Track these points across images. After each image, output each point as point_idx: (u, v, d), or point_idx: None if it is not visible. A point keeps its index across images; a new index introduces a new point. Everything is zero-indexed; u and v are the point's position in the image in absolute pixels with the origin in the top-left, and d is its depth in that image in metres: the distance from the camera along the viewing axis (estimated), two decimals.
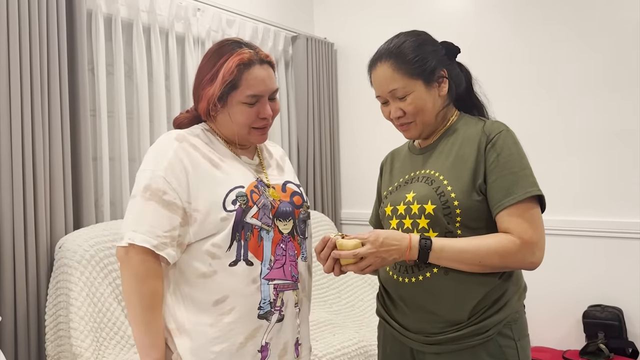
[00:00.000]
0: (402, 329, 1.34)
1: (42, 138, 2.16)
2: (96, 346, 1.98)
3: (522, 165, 1.25)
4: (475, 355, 1.24)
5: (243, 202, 1.23)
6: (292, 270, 1.29)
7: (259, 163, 1.38)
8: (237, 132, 1.30)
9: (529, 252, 1.21)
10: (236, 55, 1.26)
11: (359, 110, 3.77)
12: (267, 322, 1.24)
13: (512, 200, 1.21)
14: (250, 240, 1.23)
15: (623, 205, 2.80)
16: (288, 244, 1.29)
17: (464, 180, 1.26)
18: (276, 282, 1.26)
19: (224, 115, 1.29)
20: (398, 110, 1.33)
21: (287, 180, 1.40)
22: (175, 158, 1.23)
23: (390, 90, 1.32)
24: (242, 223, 1.22)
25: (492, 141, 1.26)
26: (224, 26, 3.11)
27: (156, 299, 1.20)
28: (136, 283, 1.19)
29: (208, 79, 1.28)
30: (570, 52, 2.91)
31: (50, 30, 2.20)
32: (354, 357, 2.33)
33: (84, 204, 2.35)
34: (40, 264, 2.15)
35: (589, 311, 2.81)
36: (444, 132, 1.37)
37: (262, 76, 1.28)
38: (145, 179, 1.22)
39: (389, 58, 1.32)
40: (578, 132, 2.91)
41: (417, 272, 1.28)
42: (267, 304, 1.24)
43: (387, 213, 1.38)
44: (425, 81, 1.31)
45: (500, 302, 1.26)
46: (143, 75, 2.67)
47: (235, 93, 1.26)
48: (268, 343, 1.24)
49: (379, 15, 3.55)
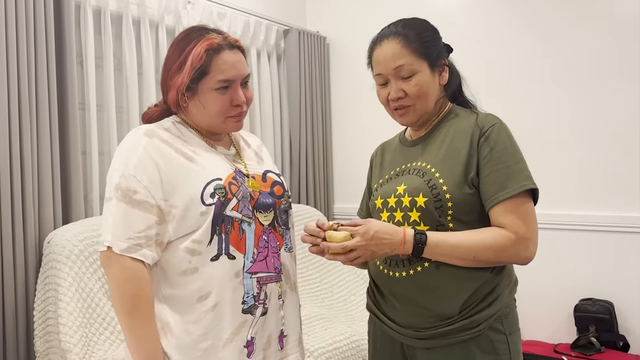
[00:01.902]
0: (392, 323, 1.33)
1: (30, 132, 2.13)
2: (85, 341, 1.96)
3: (516, 159, 1.24)
4: (466, 349, 1.24)
5: (222, 194, 1.20)
6: (274, 262, 1.27)
7: (235, 153, 1.35)
8: (210, 121, 1.26)
9: (523, 247, 1.21)
10: (204, 41, 1.22)
11: (351, 104, 3.76)
12: (251, 316, 1.22)
13: (507, 194, 1.20)
14: (232, 234, 1.20)
15: (614, 200, 2.81)
16: (270, 236, 1.27)
17: (456, 173, 1.25)
18: (259, 275, 1.23)
19: (196, 105, 1.24)
20: (399, 91, 1.29)
21: (267, 169, 1.37)
22: (146, 155, 1.19)
23: (397, 66, 1.28)
24: (222, 216, 1.20)
25: (486, 134, 1.25)
26: (214, 19, 3.08)
27: (138, 303, 1.16)
28: (116, 288, 1.16)
29: (176, 67, 1.23)
30: (574, 44, 2.90)
31: (37, 23, 2.17)
32: (345, 351, 2.33)
33: (73, 199, 2.32)
34: (28, 259, 2.13)
35: (581, 305, 2.82)
36: (436, 123, 1.36)
37: (233, 60, 1.23)
38: (115, 178, 1.18)
39: (397, 35, 1.29)
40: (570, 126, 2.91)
41: (408, 266, 1.27)
42: (251, 298, 1.22)
43: (377, 206, 1.37)
44: (430, 64, 1.30)
45: (491, 297, 1.25)
46: (133, 68, 2.65)
47: (206, 79, 1.21)
48: (254, 337, 1.23)
49: (371, 8, 3.54)
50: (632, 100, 2.75)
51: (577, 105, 2.89)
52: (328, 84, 3.84)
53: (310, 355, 2.20)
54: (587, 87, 2.86)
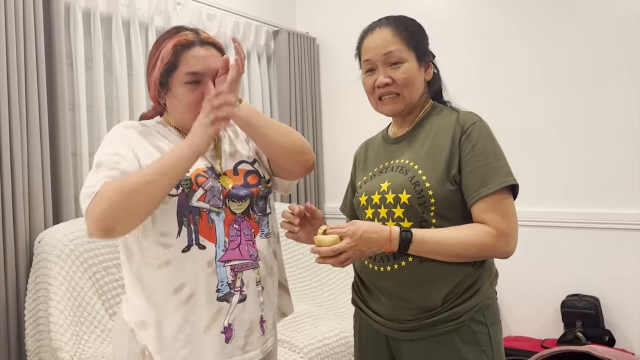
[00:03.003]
0: (377, 317, 1.35)
1: (20, 133, 2.15)
2: (76, 340, 1.98)
3: (496, 156, 1.27)
4: (448, 341, 1.26)
5: (186, 186, 1.22)
6: (249, 249, 1.29)
7: (213, 148, 1.36)
8: (182, 117, 1.29)
9: (504, 242, 1.24)
10: (176, 38, 1.26)
11: (341, 105, 3.78)
12: (227, 303, 1.25)
13: (488, 190, 1.23)
14: (200, 224, 1.23)
15: (601, 197, 2.84)
16: (242, 224, 1.29)
17: (438, 170, 1.27)
18: (233, 263, 1.26)
19: (171, 101, 1.29)
20: (387, 78, 1.32)
21: (240, 160, 1.37)
22: (125, 138, 1.25)
23: (386, 52, 1.31)
24: (189, 207, 1.22)
25: (467, 132, 1.28)
26: (204, 20, 3.10)
27: (124, 186, 1.11)
28: (113, 201, 1.09)
29: (151, 65, 1.29)
30: (561, 44, 2.93)
31: (27, 24, 2.18)
32: (335, 347, 2.35)
33: (63, 199, 2.34)
34: (19, 259, 2.14)
35: (567, 300, 2.86)
36: (418, 121, 1.39)
37: (203, 55, 1.25)
38: (97, 157, 1.21)
39: (389, 25, 1.34)
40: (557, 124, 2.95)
41: (392, 260, 1.29)
42: (226, 286, 1.24)
43: (362, 203, 1.39)
44: (417, 57, 1.34)
45: (472, 289, 1.28)
46: (123, 69, 2.66)
47: (176, 73, 1.25)
48: (231, 324, 1.25)
49: (361, 9, 3.56)
50: (620, 100, 2.79)
51: (564, 105, 2.93)
52: (318, 85, 3.87)
53: (300, 351, 2.23)
54: (574, 87, 2.90)
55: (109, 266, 2.21)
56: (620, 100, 2.77)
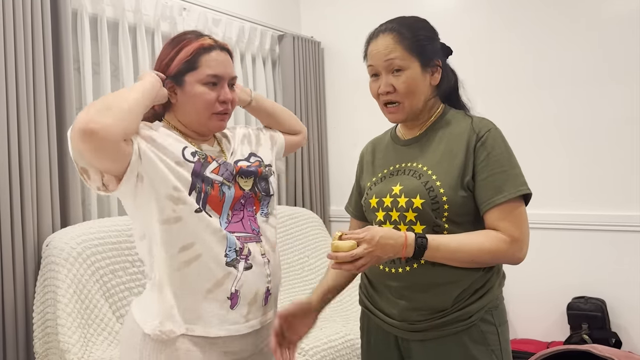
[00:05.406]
0: (386, 317, 1.35)
1: (29, 137, 2.17)
2: (84, 342, 1.99)
3: (511, 164, 1.27)
4: (458, 341, 1.27)
5: (202, 156, 1.28)
6: (251, 224, 1.33)
7: (219, 150, 1.40)
8: (196, 116, 1.32)
9: (517, 248, 1.24)
10: (198, 41, 1.31)
11: (346, 108, 3.80)
12: (235, 269, 1.27)
13: (503, 198, 1.24)
14: (211, 195, 1.26)
15: (607, 199, 2.84)
16: (248, 200, 1.34)
17: (452, 176, 1.27)
18: (237, 234, 1.29)
19: (183, 100, 1.31)
20: (389, 86, 1.32)
21: (236, 159, 1.42)
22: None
23: (387, 59, 1.31)
24: (202, 176, 1.26)
25: (482, 139, 1.28)
26: (210, 25, 3.13)
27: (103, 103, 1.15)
28: (91, 105, 1.14)
29: (165, 63, 1.32)
30: (564, 45, 2.94)
31: (35, 29, 2.20)
32: (340, 349, 2.35)
33: (71, 203, 2.35)
34: (27, 262, 2.15)
35: (573, 303, 2.85)
36: (430, 125, 1.38)
37: (222, 59, 1.33)
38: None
39: (392, 31, 1.33)
40: (560, 126, 2.96)
41: (404, 263, 1.29)
42: (233, 252, 1.27)
43: (372, 205, 1.38)
44: (421, 63, 1.32)
45: (482, 290, 1.29)
46: (129, 74, 2.68)
47: (194, 73, 1.29)
48: (238, 290, 1.27)
49: (366, 13, 3.58)
50: (620, 101, 2.79)
51: (566, 106, 2.94)
52: (323, 89, 3.88)
53: (306, 354, 2.23)
54: (575, 88, 2.91)
55: (116, 269, 2.22)
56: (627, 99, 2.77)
